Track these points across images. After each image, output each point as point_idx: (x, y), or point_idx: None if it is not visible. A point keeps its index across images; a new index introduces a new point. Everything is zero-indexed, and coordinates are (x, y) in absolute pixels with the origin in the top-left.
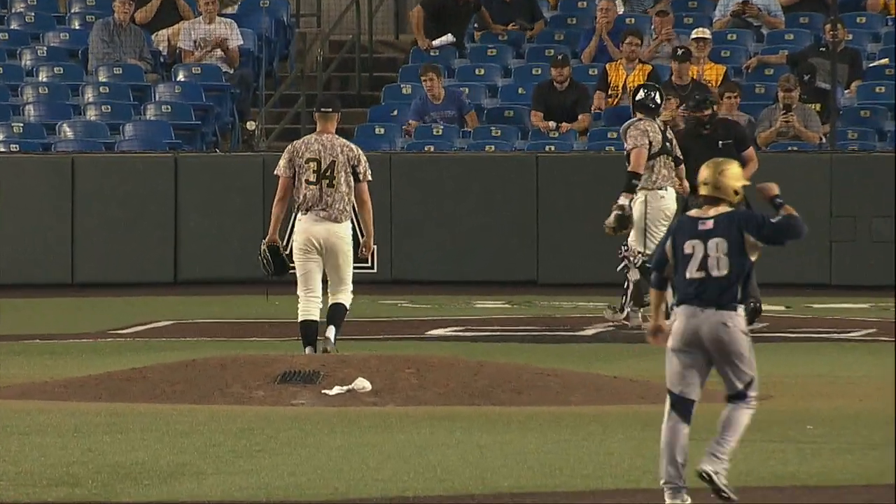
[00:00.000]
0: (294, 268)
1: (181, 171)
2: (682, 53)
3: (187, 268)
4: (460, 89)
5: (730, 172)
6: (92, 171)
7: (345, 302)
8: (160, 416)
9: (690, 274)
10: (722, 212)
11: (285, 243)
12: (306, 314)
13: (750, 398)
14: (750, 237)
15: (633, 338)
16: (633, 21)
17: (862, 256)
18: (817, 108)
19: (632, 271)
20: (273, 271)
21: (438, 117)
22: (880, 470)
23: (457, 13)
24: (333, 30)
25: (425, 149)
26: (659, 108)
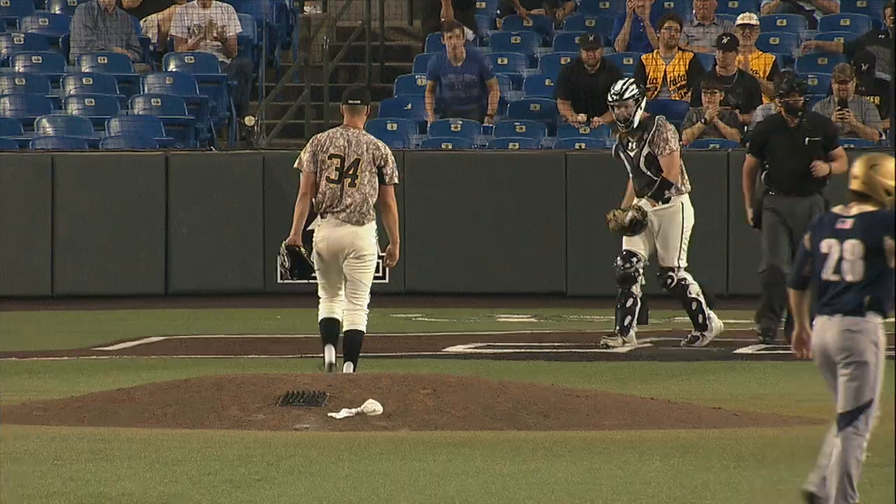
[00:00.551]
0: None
1: (173, 171)
2: (728, 41)
3: (179, 278)
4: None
5: (884, 169)
6: (74, 172)
7: (359, 326)
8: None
9: (826, 276)
10: (865, 210)
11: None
12: (327, 312)
13: (859, 424)
14: (891, 241)
15: (671, 356)
16: (672, 5)
17: None
18: (876, 101)
19: (635, 287)
20: (295, 275)
21: (456, 80)
22: None
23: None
24: (341, 15)
25: (442, 146)
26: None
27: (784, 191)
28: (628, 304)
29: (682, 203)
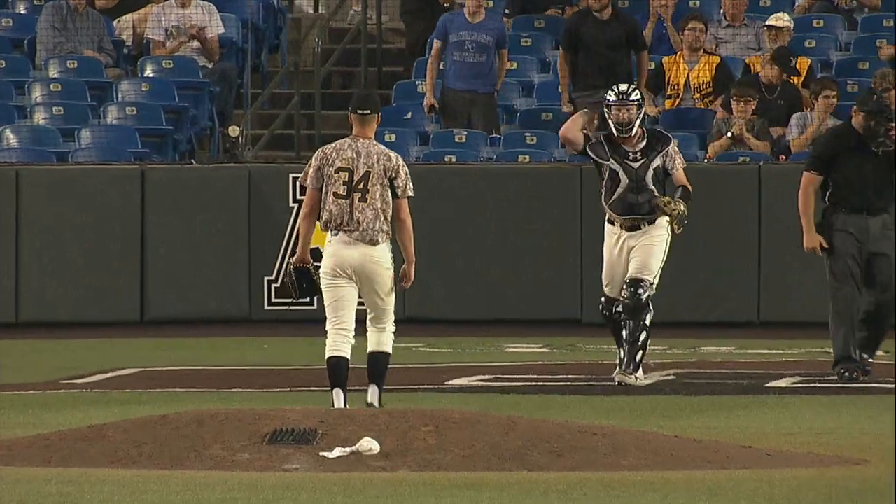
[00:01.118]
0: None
1: (149, 186)
2: (784, 54)
3: (157, 304)
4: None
5: None
6: (40, 187)
7: (386, 348)
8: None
9: None
10: None
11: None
12: (335, 350)
13: None
14: None
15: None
16: (698, 3)
17: None
18: None
19: (649, 317)
20: (299, 295)
21: (468, 40)
22: None
23: None
24: (334, 15)
25: (445, 159)
26: None
27: (856, 209)
28: (642, 338)
29: (666, 221)
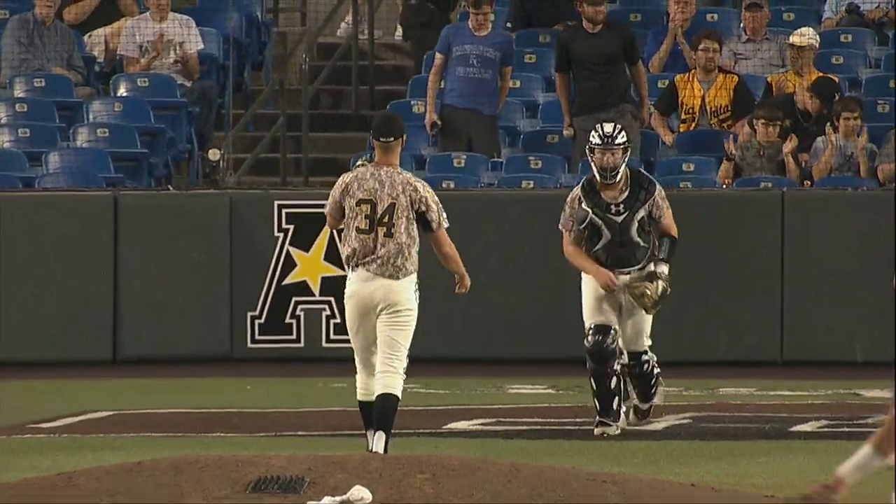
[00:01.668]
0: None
1: (122, 214)
2: (828, 88)
3: (130, 342)
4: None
5: None
6: (5, 215)
7: (393, 390)
8: None
9: None
10: None
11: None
12: (365, 394)
13: None
14: None
15: (716, 434)
16: (717, 17)
17: None
18: None
19: (617, 364)
20: None
21: (473, 53)
22: None
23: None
24: (323, 30)
25: (443, 184)
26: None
27: None
28: (612, 385)
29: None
